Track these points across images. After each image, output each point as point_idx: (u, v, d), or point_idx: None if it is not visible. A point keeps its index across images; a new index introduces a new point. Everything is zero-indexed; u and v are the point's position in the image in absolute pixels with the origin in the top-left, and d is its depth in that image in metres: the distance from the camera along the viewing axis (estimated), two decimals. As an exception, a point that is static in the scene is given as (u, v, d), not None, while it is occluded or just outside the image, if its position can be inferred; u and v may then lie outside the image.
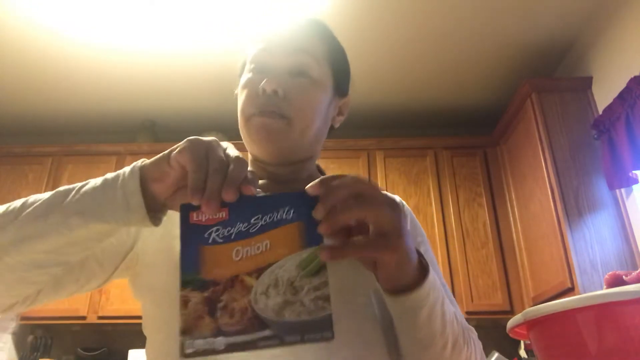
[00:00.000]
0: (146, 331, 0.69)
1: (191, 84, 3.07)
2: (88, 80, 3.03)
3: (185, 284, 0.44)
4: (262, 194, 0.48)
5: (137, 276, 0.68)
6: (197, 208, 0.45)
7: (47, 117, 3.43)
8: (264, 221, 0.45)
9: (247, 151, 0.77)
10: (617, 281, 0.61)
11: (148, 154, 3.30)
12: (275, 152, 0.71)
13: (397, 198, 0.81)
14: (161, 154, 0.51)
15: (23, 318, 2.82)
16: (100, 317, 2.79)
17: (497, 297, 2.75)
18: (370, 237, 0.49)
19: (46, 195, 0.53)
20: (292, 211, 0.46)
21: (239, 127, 0.73)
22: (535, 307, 0.55)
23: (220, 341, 0.42)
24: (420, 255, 0.56)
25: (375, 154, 3.13)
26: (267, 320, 0.43)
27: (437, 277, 0.59)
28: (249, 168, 0.49)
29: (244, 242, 0.45)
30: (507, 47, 2.77)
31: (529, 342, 0.63)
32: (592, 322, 0.51)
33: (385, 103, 3.27)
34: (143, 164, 0.51)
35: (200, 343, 0.42)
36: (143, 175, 0.50)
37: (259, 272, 0.44)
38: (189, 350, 0.42)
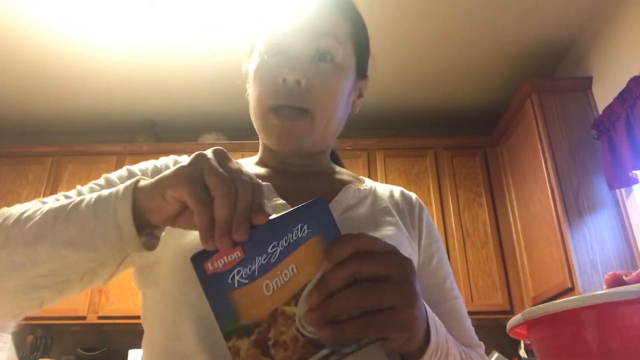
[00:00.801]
0: (145, 323, 0.66)
1: (191, 84, 3.07)
2: (88, 80, 3.03)
3: (228, 335, 0.42)
4: (270, 217, 0.44)
5: (142, 269, 0.65)
6: (208, 258, 0.42)
7: (47, 117, 3.43)
8: (282, 246, 0.43)
9: (250, 151, 0.76)
10: (617, 281, 0.61)
11: (148, 154, 3.31)
12: (295, 149, 0.67)
13: (414, 196, 0.77)
14: (152, 183, 0.45)
15: (23, 318, 2.81)
16: (100, 317, 2.79)
17: (497, 297, 2.75)
18: (377, 313, 0.42)
19: (42, 208, 0.50)
20: (305, 227, 0.43)
21: (252, 115, 0.68)
22: (535, 307, 0.55)
23: None
24: (426, 310, 0.51)
25: (375, 154, 3.13)
26: (321, 340, 0.42)
27: (440, 328, 0.54)
28: (255, 170, 0.45)
29: (270, 274, 0.43)
30: (507, 47, 2.77)
31: (529, 342, 0.63)
32: (592, 322, 0.51)
33: (385, 103, 3.27)
34: (137, 187, 0.46)
35: None
36: (137, 201, 0.46)
37: (295, 298, 0.43)
38: None
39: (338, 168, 0.80)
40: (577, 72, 2.73)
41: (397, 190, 0.77)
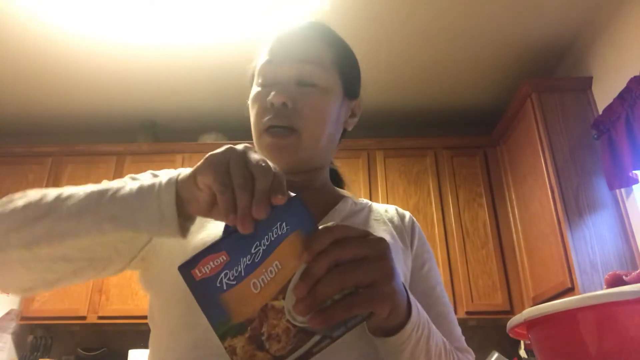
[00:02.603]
0: (152, 323, 0.69)
1: (191, 84, 3.07)
2: (88, 80, 3.03)
3: (223, 335, 0.44)
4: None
5: (149, 268, 0.69)
6: (195, 265, 0.44)
7: (47, 117, 3.43)
8: (264, 246, 0.45)
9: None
10: (617, 281, 0.61)
11: (148, 154, 3.31)
12: (287, 166, 0.72)
13: (407, 214, 0.83)
14: (188, 174, 0.50)
15: (23, 318, 2.82)
16: (100, 317, 2.79)
17: (497, 297, 2.75)
18: (360, 292, 0.46)
19: (80, 191, 0.55)
20: (284, 225, 0.45)
21: (253, 136, 0.75)
22: (535, 307, 0.55)
23: None
24: (407, 292, 0.55)
25: (375, 154, 3.13)
26: (311, 328, 0.45)
27: (421, 310, 0.58)
28: (274, 168, 0.48)
29: (256, 272, 0.45)
30: (507, 47, 2.77)
31: (529, 342, 0.63)
32: (592, 322, 0.51)
33: (385, 103, 3.27)
34: (179, 179, 0.51)
35: None
36: (178, 191, 0.50)
37: (282, 292, 0.45)
38: None
39: (337, 188, 0.86)
40: (577, 72, 2.73)
41: (391, 208, 0.84)
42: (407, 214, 0.84)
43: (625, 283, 0.60)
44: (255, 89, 0.75)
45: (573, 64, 2.79)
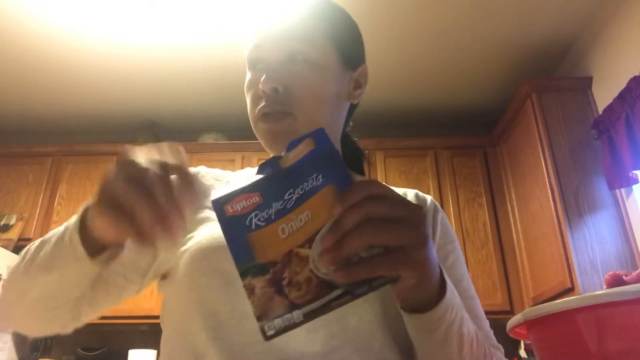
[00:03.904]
0: (162, 324, 0.68)
1: (191, 83, 3.07)
2: (88, 80, 3.03)
3: (244, 273, 0.44)
4: (286, 165, 0.46)
5: (163, 276, 0.69)
6: (229, 201, 0.44)
7: (47, 117, 3.43)
8: (297, 194, 0.45)
9: (250, 151, 0.77)
10: (617, 281, 0.61)
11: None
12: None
13: (429, 199, 0.78)
14: (86, 210, 0.52)
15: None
16: (100, 317, 2.78)
17: (497, 297, 2.75)
18: (388, 252, 0.44)
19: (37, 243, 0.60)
20: (320, 176, 0.45)
21: (251, 125, 0.74)
22: (535, 307, 0.55)
23: (297, 314, 0.43)
24: (441, 270, 0.52)
25: (375, 154, 3.13)
26: (334, 281, 0.43)
27: (456, 294, 0.55)
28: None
29: (286, 218, 0.44)
30: (507, 47, 2.77)
31: (529, 342, 0.63)
32: (592, 322, 0.51)
33: (385, 103, 3.27)
34: (85, 211, 0.52)
35: (279, 322, 0.43)
36: (87, 221, 0.51)
37: (309, 241, 0.44)
38: (270, 332, 0.43)
39: (354, 173, 0.82)
40: (577, 72, 2.73)
41: (411, 193, 0.78)
42: (429, 199, 0.77)
43: (625, 283, 0.60)
44: (247, 77, 0.72)
45: (573, 64, 2.79)
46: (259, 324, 0.43)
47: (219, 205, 0.44)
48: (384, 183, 0.47)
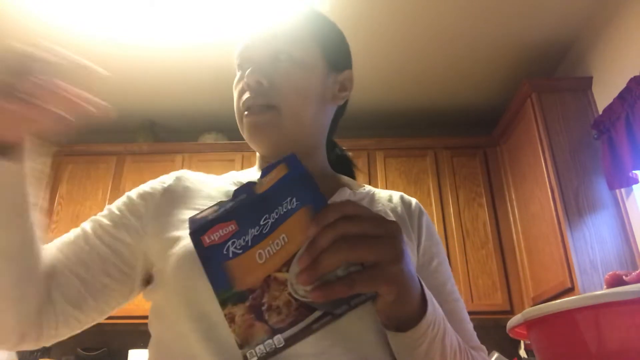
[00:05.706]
0: (151, 327, 0.68)
1: (191, 83, 3.07)
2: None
3: (224, 302, 0.44)
4: (261, 191, 0.47)
5: (150, 282, 0.69)
6: (205, 232, 0.45)
7: (47, 117, 3.43)
8: (273, 219, 0.45)
9: (250, 151, 0.77)
10: (617, 281, 0.61)
11: (148, 154, 3.30)
12: (271, 146, 0.69)
13: (414, 201, 0.79)
14: None
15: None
16: (100, 317, 2.78)
17: (497, 297, 2.75)
18: (364, 269, 0.44)
19: None
20: (294, 200, 0.46)
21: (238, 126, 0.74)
22: (535, 307, 0.55)
23: (278, 339, 0.44)
24: (422, 285, 0.53)
25: (375, 154, 3.13)
26: (313, 303, 0.44)
27: (437, 307, 0.56)
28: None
29: (262, 243, 0.45)
30: (507, 47, 2.77)
31: (529, 342, 0.63)
32: (592, 322, 0.51)
33: (385, 103, 3.26)
34: None
35: (260, 348, 0.43)
36: None
37: (287, 264, 0.45)
38: (253, 359, 0.43)
39: (338, 174, 0.81)
40: (577, 72, 2.73)
41: (396, 195, 0.79)
42: (414, 202, 0.79)
43: (625, 283, 0.60)
44: (236, 76, 0.74)
45: (573, 64, 2.79)
46: (241, 352, 0.43)
47: (197, 237, 0.45)
48: (358, 205, 0.47)
